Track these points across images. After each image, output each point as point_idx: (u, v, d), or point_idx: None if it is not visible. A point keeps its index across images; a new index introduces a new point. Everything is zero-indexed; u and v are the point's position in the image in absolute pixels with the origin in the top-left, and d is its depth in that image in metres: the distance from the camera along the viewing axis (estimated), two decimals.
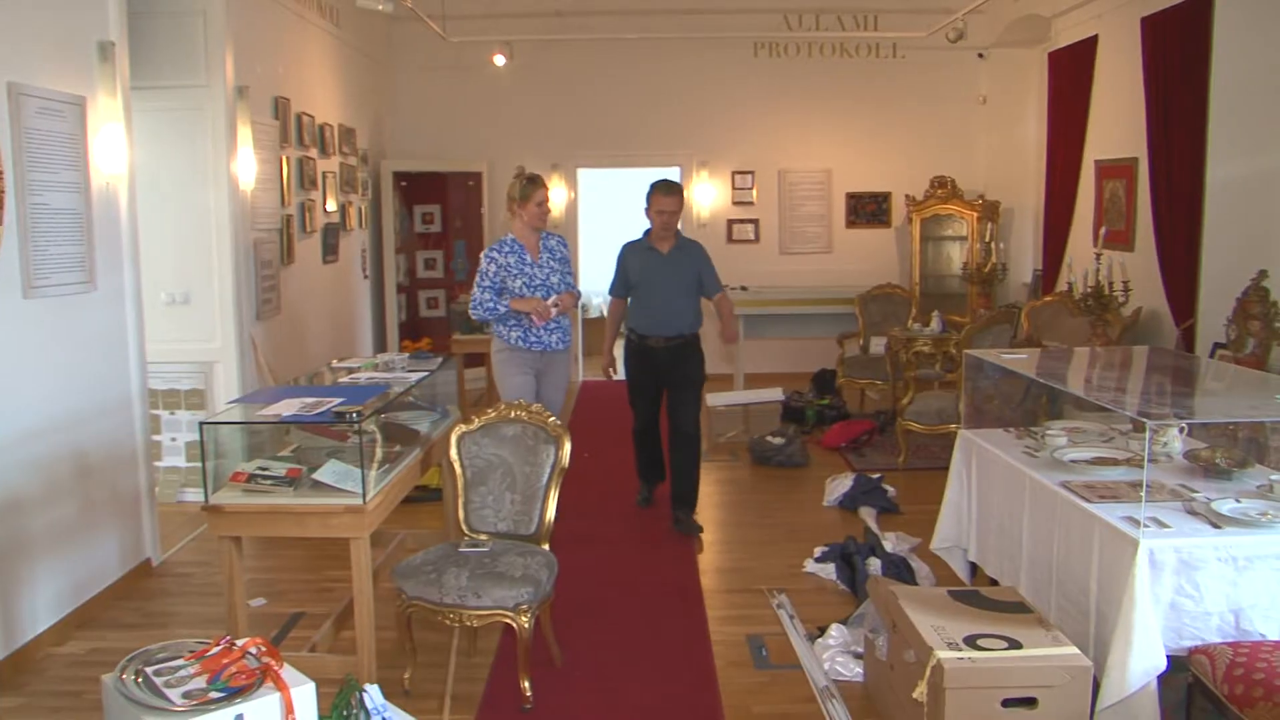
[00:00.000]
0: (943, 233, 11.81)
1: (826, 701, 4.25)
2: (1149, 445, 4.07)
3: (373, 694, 2.59)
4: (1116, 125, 9.01)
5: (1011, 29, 10.90)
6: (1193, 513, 3.72)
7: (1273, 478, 3.98)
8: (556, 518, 4.56)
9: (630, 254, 6.60)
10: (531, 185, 6.04)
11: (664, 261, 6.45)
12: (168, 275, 6.79)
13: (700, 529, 6.41)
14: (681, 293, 6.46)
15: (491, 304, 5.96)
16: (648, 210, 6.48)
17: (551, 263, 6.09)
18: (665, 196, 6.40)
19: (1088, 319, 7.44)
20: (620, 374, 6.91)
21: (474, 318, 6.12)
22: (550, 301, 5.97)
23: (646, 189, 6.49)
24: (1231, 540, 3.50)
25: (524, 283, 5.99)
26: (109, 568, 5.51)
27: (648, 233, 6.55)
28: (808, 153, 11.86)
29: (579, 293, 6.45)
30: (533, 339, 6.03)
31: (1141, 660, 3.38)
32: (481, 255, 6.07)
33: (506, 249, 6.04)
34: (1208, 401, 4.72)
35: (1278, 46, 7.08)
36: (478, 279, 6.01)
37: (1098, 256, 7.42)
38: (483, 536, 4.56)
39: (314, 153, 8.71)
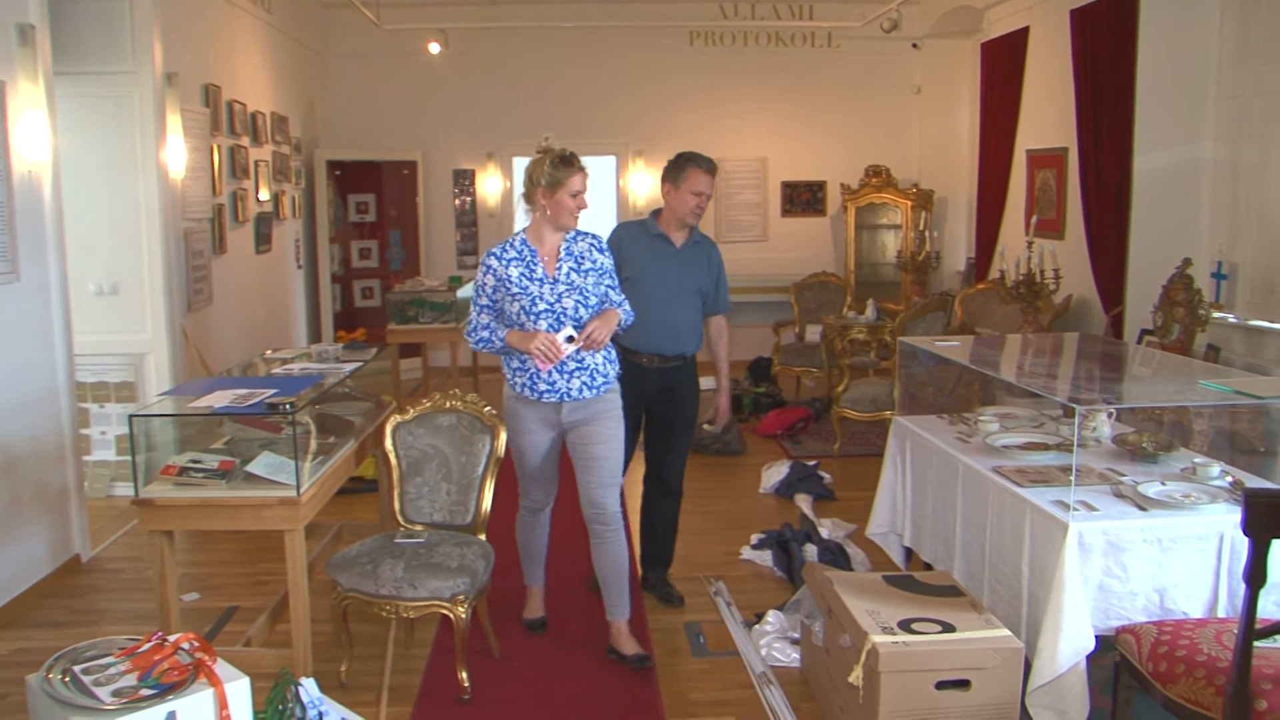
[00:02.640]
0: (877, 221, 11.92)
1: (764, 687, 4.29)
2: (1078, 430, 4.15)
3: (308, 687, 2.57)
4: (1047, 115, 9.15)
5: (945, 20, 11.02)
6: (1120, 496, 3.79)
7: (1196, 460, 4.07)
8: (492, 508, 4.55)
9: (630, 238, 5.02)
10: (566, 167, 4.27)
11: (676, 257, 5.00)
12: (96, 265, 6.64)
13: (681, 599, 5.23)
14: (689, 300, 5.03)
15: (487, 333, 4.36)
16: (674, 188, 4.98)
17: (573, 276, 4.34)
18: (707, 174, 4.98)
19: (1019, 306, 7.56)
20: None
21: (472, 349, 4.58)
22: (563, 336, 4.20)
23: (674, 159, 5.08)
24: (1157, 522, 3.57)
25: (523, 307, 4.27)
26: (36, 565, 5.40)
27: (657, 215, 5.10)
28: (743, 142, 11.90)
29: (627, 312, 4.50)
30: (543, 387, 4.34)
31: (1071, 641, 3.44)
32: (481, 261, 4.45)
33: (511, 254, 4.34)
34: (1135, 387, 4.82)
35: (1199, 40, 7.25)
36: (474, 295, 4.43)
37: (1029, 245, 7.53)
38: (419, 527, 4.54)
39: (245, 141, 8.59)
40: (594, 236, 4.49)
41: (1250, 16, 6.97)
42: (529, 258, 4.33)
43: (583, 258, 4.38)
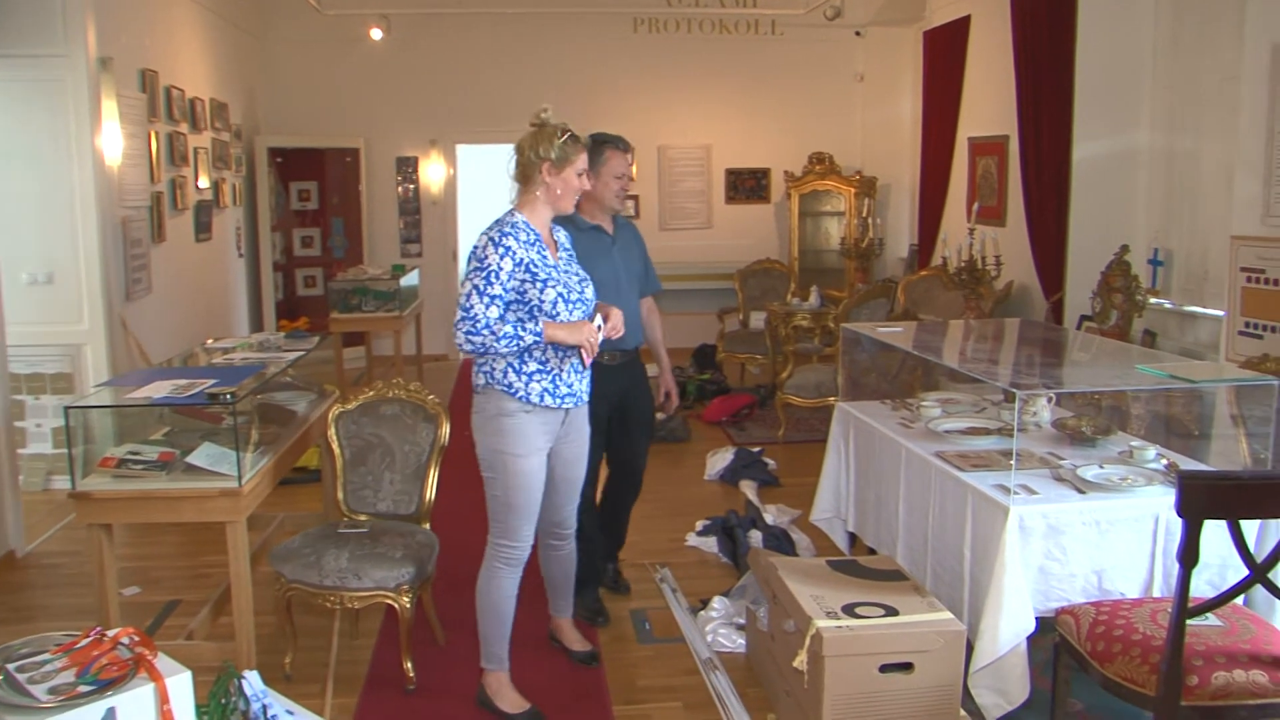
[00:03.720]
0: (821, 208, 11.98)
1: (710, 673, 4.31)
2: (1019, 415, 4.20)
3: (252, 680, 2.54)
4: (989, 103, 9.23)
5: (887, 7, 11.08)
6: (1060, 479, 3.85)
7: (1133, 444, 4.14)
8: (437, 497, 4.53)
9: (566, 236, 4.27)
10: (575, 144, 3.77)
11: (614, 246, 4.68)
12: (29, 254, 6.50)
13: (627, 586, 5.23)
14: (634, 289, 4.77)
15: (511, 331, 3.60)
16: (595, 175, 4.39)
17: (574, 265, 3.93)
18: (626, 155, 4.64)
19: (961, 293, 7.64)
20: None
21: (466, 350, 3.66)
22: (596, 325, 3.78)
23: (586, 145, 3.99)
24: (1095, 505, 3.64)
25: (560, 295, 3.73)
26: None
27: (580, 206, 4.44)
28: (687, 129, 11.90)
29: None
30: (564, 391, 3.81)
31: (1011, 623, 3.50)
32: (483, 242, 3.71)
33: (523, 237, 3.73)
34: (1074, 372, 4.89)
35: (1135, 31, 7.37)
36: (479, 283, 3.63)
37: (971, 232, 7.61)
38: (363, 517, 4.51)
39: (184, 128, 8.46)
40: (564, 229, 4.09)
41: (1183, 9, 7.10)
42: (536, 242, 3.76)
43: (569, 249, 4.00)
